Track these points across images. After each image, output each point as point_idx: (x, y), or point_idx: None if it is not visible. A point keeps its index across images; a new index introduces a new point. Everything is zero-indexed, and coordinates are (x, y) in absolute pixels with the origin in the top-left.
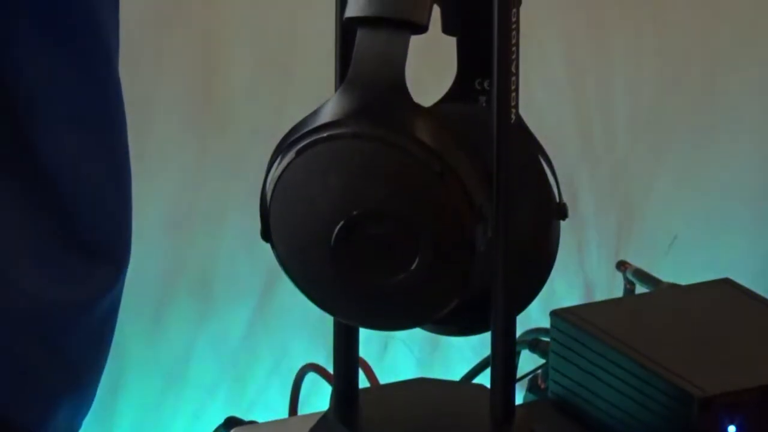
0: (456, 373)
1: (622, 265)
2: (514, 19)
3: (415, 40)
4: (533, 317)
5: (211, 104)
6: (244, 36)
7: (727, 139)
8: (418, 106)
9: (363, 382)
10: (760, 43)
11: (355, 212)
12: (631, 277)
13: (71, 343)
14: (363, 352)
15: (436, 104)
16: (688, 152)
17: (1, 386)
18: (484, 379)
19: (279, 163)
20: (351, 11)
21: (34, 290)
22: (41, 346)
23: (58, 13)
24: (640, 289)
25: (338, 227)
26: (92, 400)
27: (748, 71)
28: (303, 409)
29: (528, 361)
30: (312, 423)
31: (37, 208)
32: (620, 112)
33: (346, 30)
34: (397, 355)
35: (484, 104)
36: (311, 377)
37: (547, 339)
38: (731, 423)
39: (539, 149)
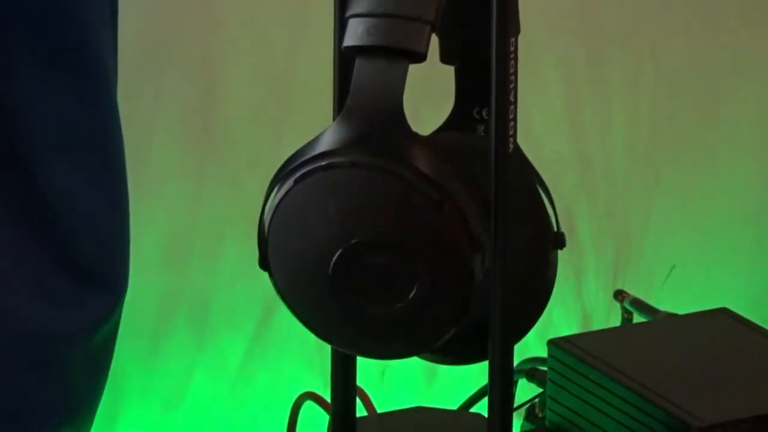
0: (453, 402)
1: (619, 295)
2: (512, 48)
3: (413, 69)
4: (531, 346)
5: (209, 133)
6: (243, 65)
7: (725, 168)
8: (416, 135)
9: (360, 411)
10: (757, 72)
11: (353, 241)
12: (628, 307)
13: (69, 371)
14: (360, 380)
15: (434, 133)
16: (686, 181)
17: (5, 414)
18: (482, 408)
19: (277, 192)
20: (349, 40)
21: (32, 319)
22: (40, 374)
23: (57, 45)
24: (637, 318)
25: (336, 256)
26: (90, 427)
27: (746, 100)
28: None
29: (525, 390)
30: None
31: (34, 236)
32: (618, 142)
33: (345, 59)
34: (395, 384)
35: (482, 133)
36: (308, 405)
37: (544, 368)
38: None
39: (537, 178)
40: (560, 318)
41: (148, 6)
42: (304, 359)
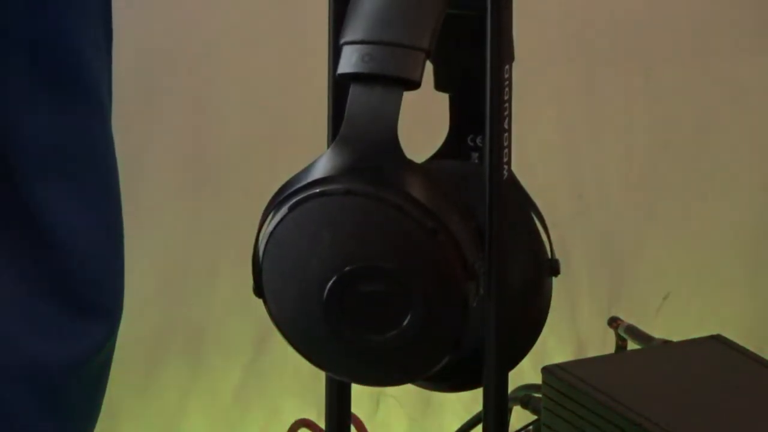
0: (448, 430)
1: (614, 322)
2: (506, 76)
3: (407, 96)
4: (525, 373)
5: (203, 161)
6: (237, 93)
7: (718, 198)
8: (410, 163)
9: None
10: (751, 101)
11: (347, 268)
12: (622, 334)
13: (64, 400)
14: (355, 408)
15: (428, 160)
16: (679, 211)
17: None
18: None
19: (271, 219)
20: (344, 67)
21: (29, 348)
22: (34, 402)
23: (51, 74)
24: (631, 345)
25: (330, 283)
26: None
27: (739, 130)
28: None
29: (520, 418)
30: None
31: (31, 266)
32: (612, 170)
33: (339, 86)
34: (390, 412)
35: (476, 160)
36: None
37: (539, 395)
38: None
39: (532, 206)
40: (555, 345)
41: (143, 35)
42: (299, 387)
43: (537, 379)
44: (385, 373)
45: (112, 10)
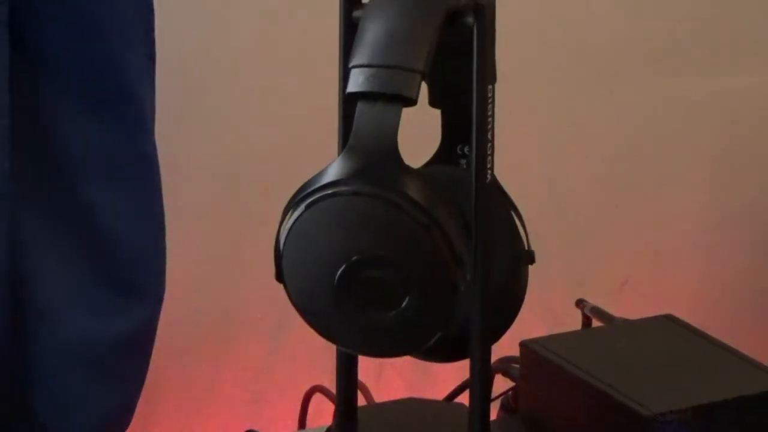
0: (440, 394)
1: (580, 303)
2: (490, 94)
3: (406, 112)
4: (505, 346)
5: (231, 168)
6: (259, 111)
7: (671, 197)
8: (408, 168)
9: (361, 401)
10: (700, 116)
11: (354, 258)
12: (588, 313)
13: (113, 370)
14: (361, 375)
15: (423, 166)
16: (638, 208)
17: (58, 408)
18: (464, 398)
19: (290, 216)
20: (352, 87)
21: (84, 326)
22: (87, 373)
23: (103, 95)
24: (595, 323)
25: (340, 270)
26: (131, 417)
27: (689, 140)
28: (310, 424)
29: (501, 384)
30: None
31: (85, 256)
32: (582, 172)
33: (348, 103)
34: (391, 379)
35: (464, 166)
36: (317, 397)
37: (516, 365)
38: None
39: (511, 204)
40: (530, 323)
41: (178, 58)
42: (314, 358)
43: (515, 351)
44: (387, 346)
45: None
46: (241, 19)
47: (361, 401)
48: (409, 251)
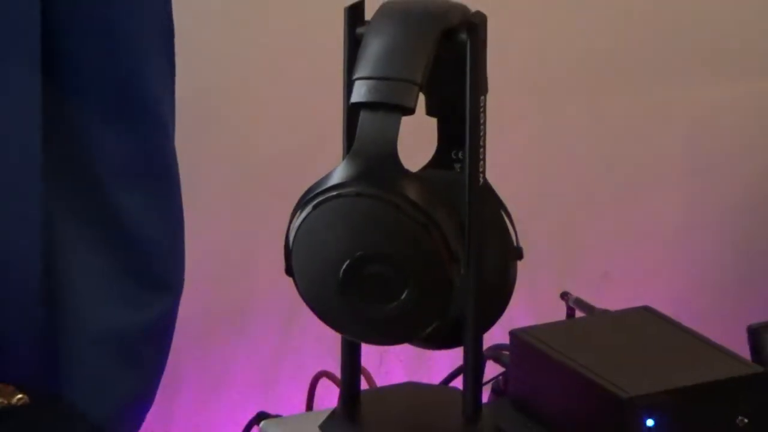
0: (436, 378)
1: (564, 295)
2: (482, 104)
3: (405, 120)
4: (496, 335)
5: (246, 170)
6: (271, 119)
7: (647, 197)
8: (407, 171)
9: (364, 386)
10: (671, 122)
11: (357, 254)
12: (571, 305)
13: (139, 355)
14: (364, 362)
15: (421, 170)
16: (617, 207)
17: (87, 389)
18: (458, 383)
19: (299, 215)
20: (355, 98)
21: (111, 316)
22: (117, 357)
23: (129, 107)
24: (578, 314)
25: (345, 265)
26: (154, 397)
27: (663, 145)
28: (317, 407)
29: (492, 369)
30: (324, 417)
31: (114, 253)
32: (566, 178)
33: (352, 112)
34: (391, 365)
35: (458, 170)
36: (324, 382)
37: (506, 352)
38: (649, 417)
39: (501, 205)
40: (518, 313)
41: (198, 76)
42: (321, 346)
43: (505, 339)
44: (388, 335)
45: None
46: (255, 35)
47: (364, 385)
48: (408, 248)
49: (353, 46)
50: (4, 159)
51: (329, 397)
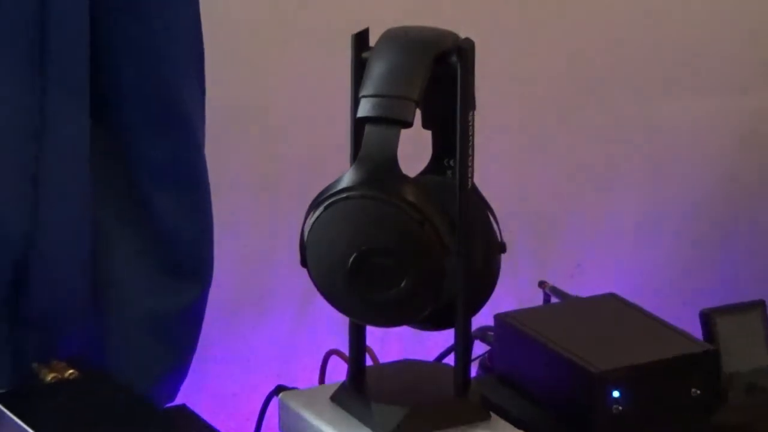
0: (431, 356)
1: (542, 284)
2: (470, 119)
3: (404, 133)
4: (483, 318)
5: (266, 176)
6: (290, 131)
7: (616, 197)
8: (406, 176)
9: (368, 362)
10: (642, 134)
11: (363, 248)
12: (548, 292)
13: (173, 335)
14: (369, 341)
15: (418, 175)
16: (588, 209)
17: (129, 364)
18: (450, 360)
19: (312, 214)
20: (361, 113)
21: (149, 302)
22: (154, 337)
23: (163, 116)
24: (554, 300)
25: (352, 258)
26: (187, 371)
27: (634, 151)
28: (328, 380)
29: (480, 348)
30: (334, 389)
31: (151, 248)
32: (544, 182)
33: (358, 125)
34: (392, 344)
35: (450, 175)
36: (334, 359)
37: (492, 333)
38: (615, 389)
39: (487, 205)
40: (502, 299)
41: (226, 94)
42: (331, 327)
43: (491, 322)
44: (389, 318)
45: (205, 70)
46: (276, 57)
47: (369, 362)
48: (406, 242)
49: (359, 68)
50: (58, 169)
51: (339, 372)
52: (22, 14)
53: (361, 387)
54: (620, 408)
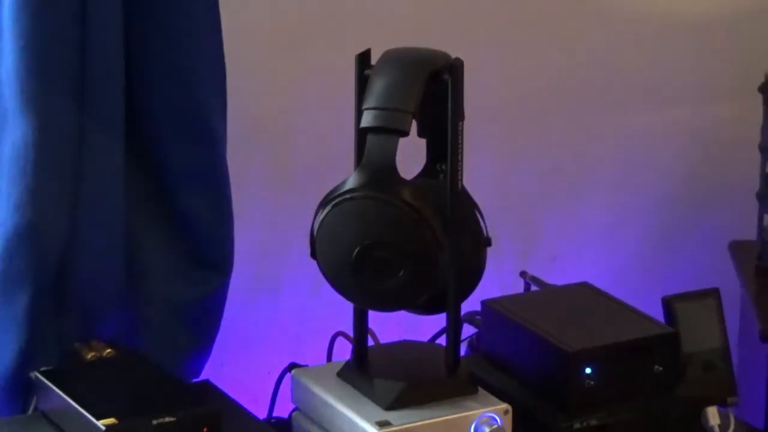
0: (425, 337)
1: (523, 274)
2: (460, 129)
3: (402, 141)
4: (471, 304)
5: (283, 179)
6: (301, 140)
7: (587, 201)
8: (403, 179)
9: (370, 343)
10: (612, 145)
11: (366, 242)
12: (528, 281)
13: (199, 319)
14: (371, 324)
15: (414, 178)
16: (565, 208)
17: (159, 344)
18: (442, 340)
19: (321, 212)
20: (364, 123)
21: (177, 290)
22: (179, 322)
23: (188, 125)
24: (534, 288)
25: (356, 251)
26: (211, 350)
27: (604, 157)
28: (335, 359)
29: (468, 330)
30: (340, 367)
31: (177, 242)
32: (524, 184)
33: (361, 134)
34: (392, 327)
35: (442, 178)
36: (340, 339)
37: (479, 317)
38: (587, 366)
39: (475, 205)
40: (488, 287)
41: (244, 105)
42: (338, 312)
43: (478, 307)
44: (388, 304)
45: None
46: (290, 76)
47: (370, 342)
48: (404, 238)
49: (362, 83)
50: (97, 176)
51: (344, 351)
52: (65, 43)
53: (363, 364)
54: (592, 383)
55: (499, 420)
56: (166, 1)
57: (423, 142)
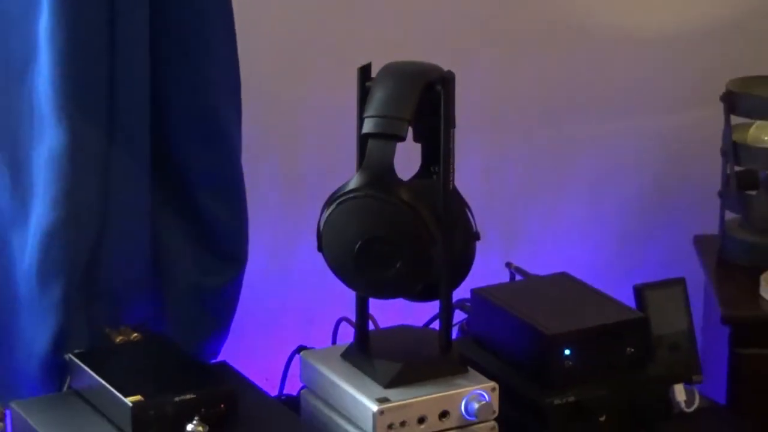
0: (420, 322)
1: (508, 265)
2: (452, 135)
3: (400, 145)
4: (462, 292)
5: (293, 180)
6: (311, 146)
7: (566, 200)
8: (401, 180)
9: (371, 327)
10: (586, 148)
11: (366, 237)
12: (513, 271)
13: (216, 306)
14: (371, 311)
15: (410, 179)
16: (545, 206)
17: (180, 329)
18: (435, 325)
19: (327, 210)
20: (365, 130)
21: (196, 280)
22: (200, 308)
23: (206, 129)
24: (518, 278)
25: (358, 245)
26: (227, 335)
27: (580, 158)
28: (339, 342)
29: (459, 316)
30: (344, 349)
31: (196, 237)
32: (508, 185)
33: (363, 140)
34: (391, 313)
35: (435, 179)
36: (344, 325)
37: (469, 304)
38: (566, 348)
39: (465, 203)
40: (477, 277)
41: (257, 113)
42: (343, 299)
43: (468, 295)
44: (388, 292)
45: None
46: (298, 87)
47: (371, 327)
48: (401, 232)
49: (363, 94)
50: (125, 177)
51: (347, 335)
52: (96, 58)
53: (365, 347)
54: (570, 363)
55: (487, 396)
56: (187, 19)
57: (418, 146)
